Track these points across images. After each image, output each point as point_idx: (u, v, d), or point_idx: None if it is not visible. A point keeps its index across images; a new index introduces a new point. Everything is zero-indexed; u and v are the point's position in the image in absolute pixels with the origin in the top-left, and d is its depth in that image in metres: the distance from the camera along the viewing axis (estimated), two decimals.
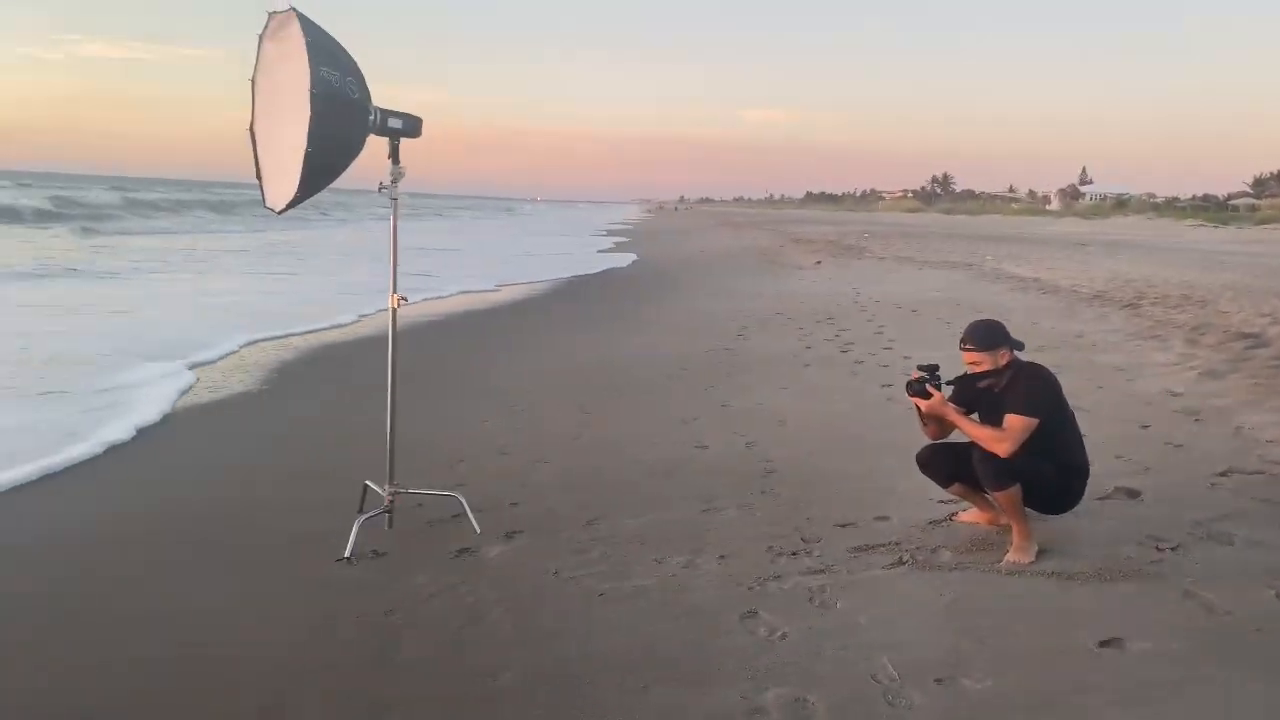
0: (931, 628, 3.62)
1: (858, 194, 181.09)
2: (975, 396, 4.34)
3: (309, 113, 4.05)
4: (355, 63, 4.37)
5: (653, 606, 3.88)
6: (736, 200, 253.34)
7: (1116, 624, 3.54)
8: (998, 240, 33.97)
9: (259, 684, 3.33)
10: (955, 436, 4.44)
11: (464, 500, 4.83)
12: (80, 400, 7.47)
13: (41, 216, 34.50)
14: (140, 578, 4.31)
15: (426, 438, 6.57)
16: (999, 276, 18.75)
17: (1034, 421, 4.08)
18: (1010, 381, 4.22)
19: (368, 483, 4.88)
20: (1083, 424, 4.45)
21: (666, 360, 9.88)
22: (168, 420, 7.15)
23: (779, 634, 3.58)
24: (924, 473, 4.57)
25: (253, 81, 4.54)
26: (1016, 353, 4.28)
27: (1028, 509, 4.23)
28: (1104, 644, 3.41)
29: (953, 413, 4.29)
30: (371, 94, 4.41)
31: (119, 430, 6.57)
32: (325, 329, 11.64)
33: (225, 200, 49.05)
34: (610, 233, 49.83)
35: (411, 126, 4.60)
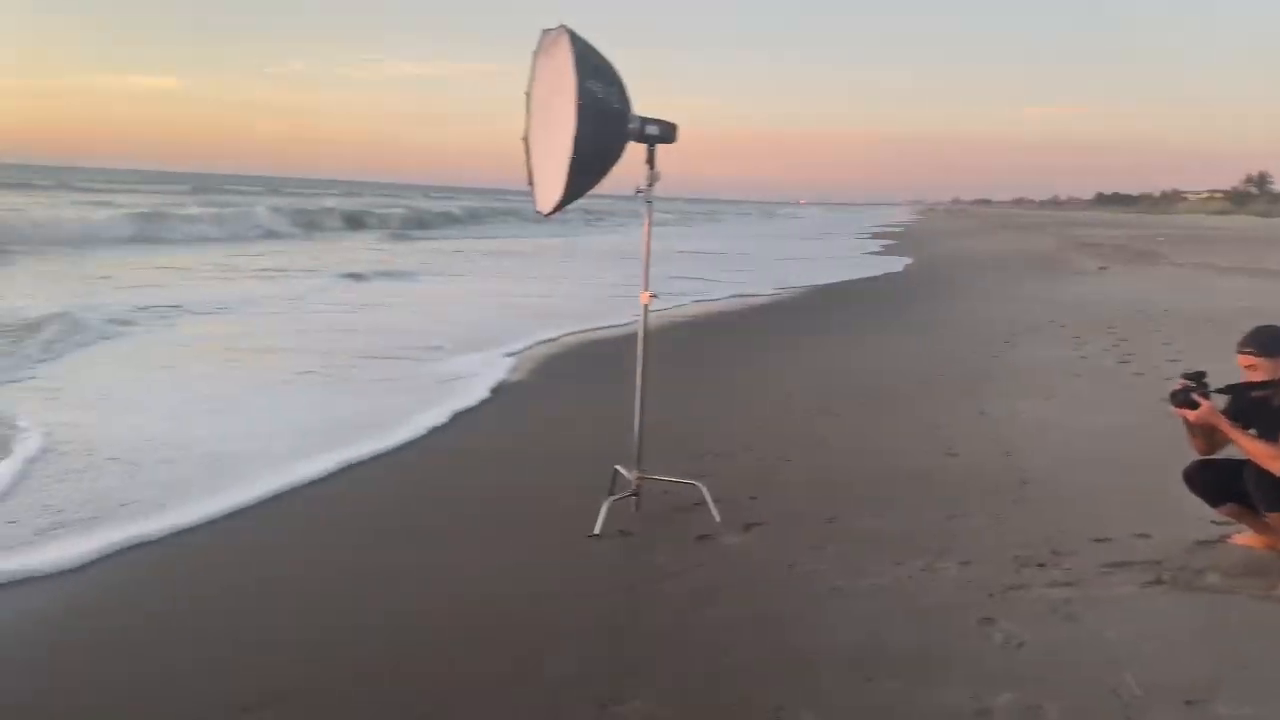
0: (1186, 649, 3.42)
1: (1156, 195, 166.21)
2: (1251, 408, 4.01)
3: (575, 123, 4.40)
4: (619, 74, 4.67)
5: (886, 605, 3.90)
6: (1016, 202, 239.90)
7: None
8: None
9: (516, 639, 3.67)
10: (1229, 452, 4.12)
11: (705, 490, 5.03)
12: (406, 387, 8.38)
13: (357, 222, 38.41)
14: (428, 544, 4.82)
15: (678, 429, 6.84)
16: None
17: None
18: None
19: (618, 467, 5.19)
20: None
21: (926, 365, 9.67)
22: (479, 406, 7.81)
23: (1016, 642, 3.50)
24: (1192, 490, 4.27)
25: (527, 94, 4.99)
26: None
27: None
28: None
29: (1225, 423, 3.98)
30: (633, 102, 4.71)
31: (438, 415, 7.31)
32: (601, 327, 12.23)
33: (512, 207, 52.45)
34: (879, 235, 48.78)
35: (668, 132, 4.86)
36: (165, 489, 5.36)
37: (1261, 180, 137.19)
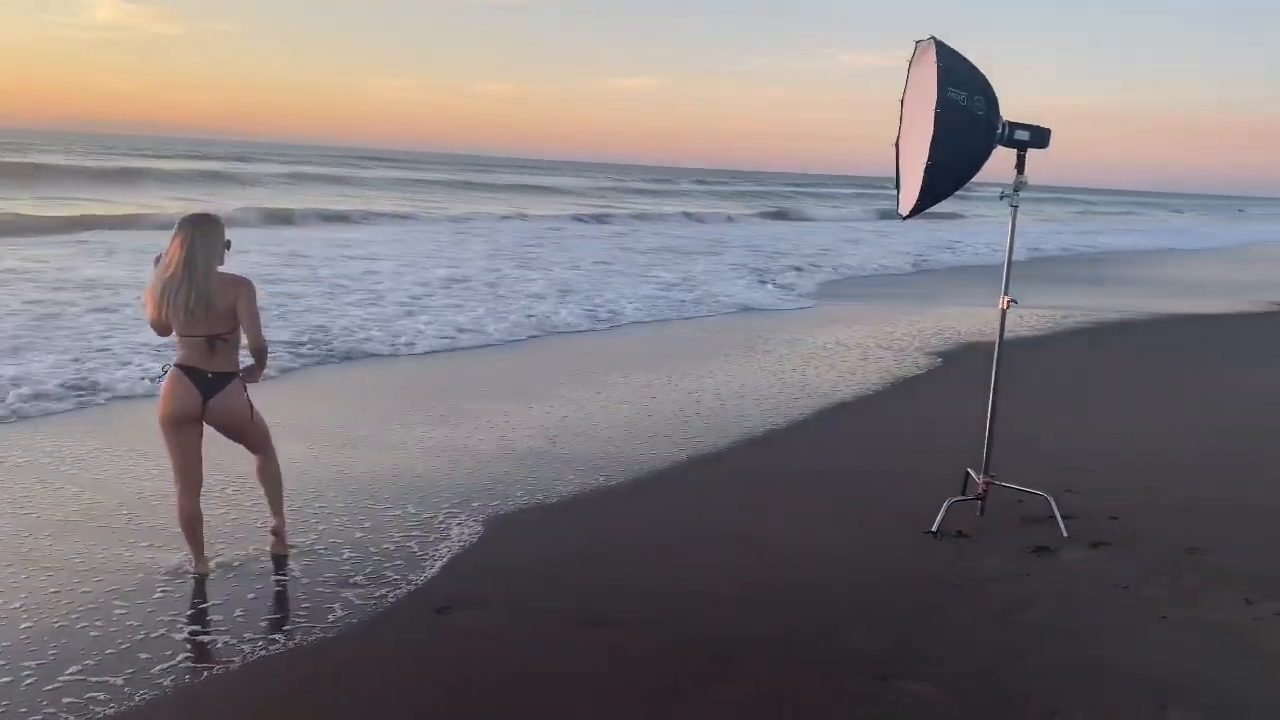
0: None
1: None
2: None
3: (933, 130, 4.56)
4: (987, 83, 4.75)
5: (1215, 640, 3.69)
6: None
7: None
8: None
9: (821, 610, 4.00)
10: None
11: (1054, 502, 4.93)
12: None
13: None
14: (769, 512, 5.27)
15: (1061, 442, 6.67)
16: None
17: None
18: None
19: (968, 470, 5.25)
20: None
21: None
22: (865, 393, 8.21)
23: None
24: None
25: (901, 102, 5.19)
26: None
27: None
28: None
29: None
30: (1002, 109, 4.75)
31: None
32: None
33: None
34: None
35: (1039, 138, 4.82)
36: None
37: None
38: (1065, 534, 4.81)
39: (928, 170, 4.62)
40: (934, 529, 4.87)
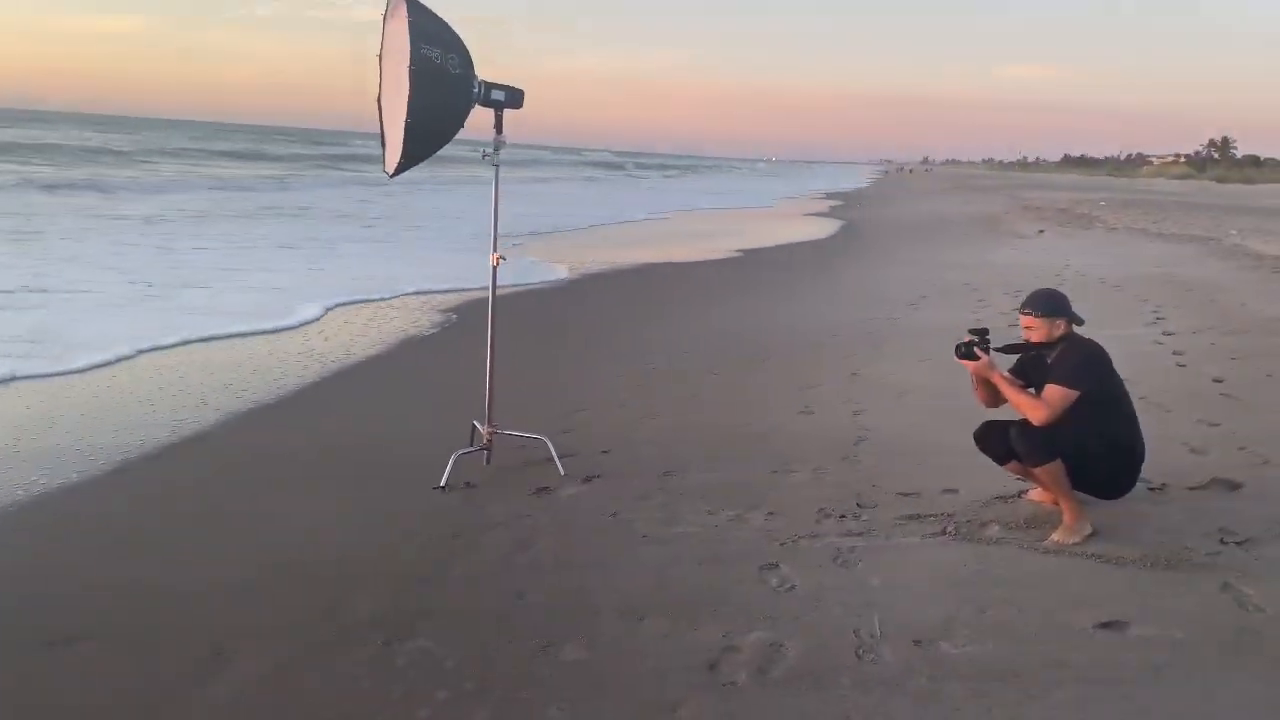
0: (939, 594, 3.69)
1: (1121, 158, 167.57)
2: (1030, 367, 4.33)
3: (408, 88, 4.53)
4: (460, 41, 4.80)
5: (685, 552, 4.15)
6: (985, 162, 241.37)
7: (1129, 608, 3.48)
8: (1265, 213, 30.70)
9: (324, 587, 3.87)
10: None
11: (550, 444, 5.25)
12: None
13: None
14: (265, 493, 5.02)
15: (560, 386, 7.10)
16: (1235, 253, 17.15)
17: (1073, 394, 4.01)
18: (1060, 353, 4.18)
19: (475, 423, 5.39)
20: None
21: (819, 328, 9.93)
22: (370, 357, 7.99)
23: (788, 586, 3.78)
24: (980, 448, 4.54)
25: (379, 58, 5.09)
26: (1075, 327, 4.21)
27: (1085, 495, 4.17)
28: (1103, 625, 3.38)
29: (997, 376, 4.28)
30: (476, 67, 4.84)
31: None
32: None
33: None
34: (831, 195, 48.98)
35: (514, 98, 5.01)
36: None
37: (1224, 146, 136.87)
38: (563, 472, 5.14)
39: (408, 128, 4.60)
40: (443, 484, 4.95)
